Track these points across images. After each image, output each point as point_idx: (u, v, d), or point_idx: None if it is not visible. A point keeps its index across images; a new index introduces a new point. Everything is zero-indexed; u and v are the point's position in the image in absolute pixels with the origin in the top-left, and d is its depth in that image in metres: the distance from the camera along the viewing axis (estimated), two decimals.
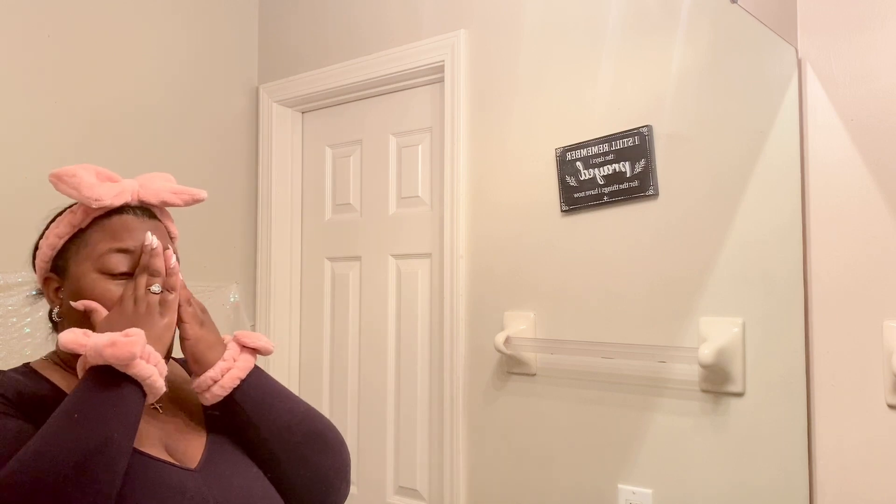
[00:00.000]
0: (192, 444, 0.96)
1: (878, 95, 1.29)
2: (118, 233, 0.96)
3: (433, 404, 1.88)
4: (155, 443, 0.92)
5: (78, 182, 0.94)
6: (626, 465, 1.50)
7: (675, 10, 1.49)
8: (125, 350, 0.81)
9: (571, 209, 1.58)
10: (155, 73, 2.04)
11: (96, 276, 0.94)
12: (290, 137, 2.26)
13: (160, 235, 0.98)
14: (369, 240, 2.06)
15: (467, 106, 1.78)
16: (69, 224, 0.97)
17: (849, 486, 1.30)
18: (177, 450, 0.94)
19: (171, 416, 0.98)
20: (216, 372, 0.95)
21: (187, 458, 0.94)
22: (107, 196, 0.95)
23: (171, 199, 1.02)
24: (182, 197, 1.02)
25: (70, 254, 0.96)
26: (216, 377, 0.95)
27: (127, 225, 0.96)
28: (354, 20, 2.06)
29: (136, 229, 0.97)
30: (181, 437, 0.96)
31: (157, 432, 0.94)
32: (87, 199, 0.94)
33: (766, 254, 1.37)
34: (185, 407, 1.01)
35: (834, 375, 1.32)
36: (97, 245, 0.95)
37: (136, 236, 0.96)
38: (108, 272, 0.94)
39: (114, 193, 0.96)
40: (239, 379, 0.96)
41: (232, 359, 0.97)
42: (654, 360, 1.46)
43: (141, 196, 0.99)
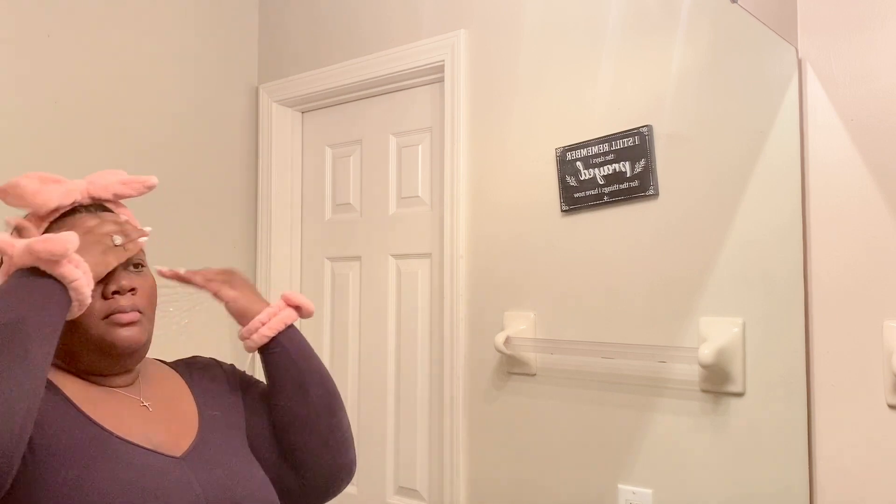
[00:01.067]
0: (181, 438, 0.97)
1: (878, 95, 1.29)
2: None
3: (433, 404, 1.88)
4: (140, 436, 0.93)
5: (21, 191, 0.93)
6: (626, 465, 1.50)
7: (675, 10, 1.49)
8: (60, 245, 0.81)
9: (571, 209, 1.58)
10: (155, 72, 2.04)
11: None
12: (290, 137, 2.26)
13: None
14: (369, 240, 2.06)
15: (467, 106, 1.78)
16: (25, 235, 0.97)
17: (849, 486, 1.30)
18: (166, 443, 0.95)
19: (161, 415, 0.99)
20: (264, 315, 1.05)
21: (175, 449, 0.95)
22: (54, 198, 0.94)
23: (122, 191, 1.01)
24: (133, 186, 1.01)
25: None
26: (264, 320, 1.05)
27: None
28: (354, 20, 2.06)
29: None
30: (167, 431, 0.96)
31: (143, 426, 0.95)
32: (35, 206, 0.93)
33: (766, 254, 1.37)
34: (177, 408, 1.02)
35: (834, 375, 1.32)
36: None
37: None
38: None
39: (61, 193, 0.95)
40: (284, 324, 1.07)
41: (279, 308, 1.07)
42: (654, 360, 1.46)
43: (91, 192, 0.98)
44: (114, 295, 0.93)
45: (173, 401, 1.03)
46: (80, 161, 1.86)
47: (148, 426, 0.95)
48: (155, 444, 0.93)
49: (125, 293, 0.94)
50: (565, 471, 1.59)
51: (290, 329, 1.08)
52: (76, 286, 0.83)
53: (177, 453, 0.94)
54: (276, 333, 1.06)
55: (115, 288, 0.93)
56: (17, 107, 1.77)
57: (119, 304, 0.93)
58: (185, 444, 0.96)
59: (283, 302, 1.09)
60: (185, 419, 1.01)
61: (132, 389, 0.99)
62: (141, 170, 1.08)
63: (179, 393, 1.05)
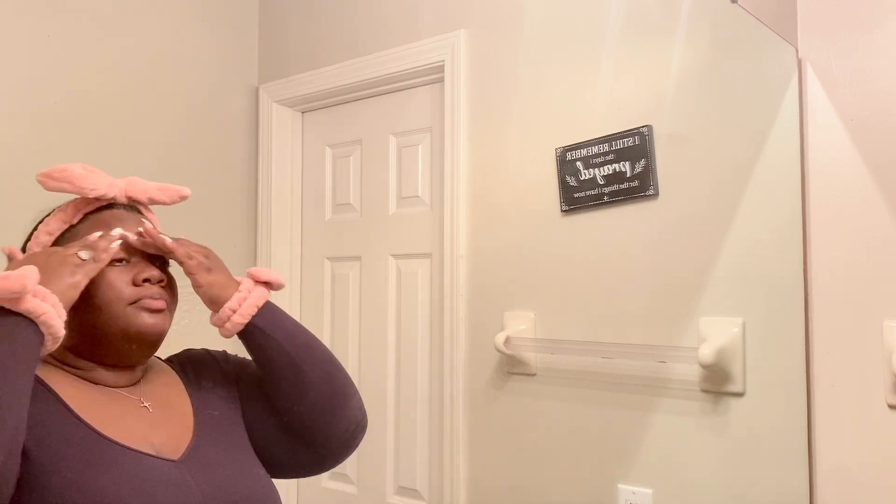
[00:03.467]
0: (179, 440, 0.96)
1: (878, 95, 1.29)
2: (111, 223, 0.98)
3: (433, 404, 1.88)
4: (140, 439, 0.92)
5: (69, 175, 0.96)
6: (626, 465, 1.50)
7: (675, 10, 1.49)
8: (16, 282, 0.79)
9: (571, 209, 1.58)
10: (155, 72, 2.04)
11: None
12: (290, 137, 2.26)
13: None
14: (369, 240, 2.06)
15: (467, 106, 1.78)
16: (60, 220, 0.98)
17: (849, 486, 1.30)
18: (163, 444, 0.94)
19: (161, 416, 0.98)
20: (234, 302, 0.99)
21: (173, 452, 0.94)
22: (101, 185, 0.97)
23: (158, 196, 1.04)
24: (168, 193, 1.05)
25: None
26: (234, 307, 0.99)
27: (118, 216, 0.99)
28: (354, 20, 2.06)
29: (127, 222, 0.99)
30: (168, 434, 0.96)
31: (143, 429, 0.94)
32: (81, 190, 0.96)
33: (766, 254, 1.37)
34: (175, 408, 1.01)
35: (834, 375, 1.32)
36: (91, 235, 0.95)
37: (127, 228, 0.98)
38: None
39: (107, 183, 0.98)
40: (256, 307, 1.00)
41: (248, 290, 1.01)
42: (654, 360, 1.46)
43: (129, 193, 1.02)
44: (144, 283, 0.95)
45: (171, 401, 1.02)
46: (80, 160, 1.86)
47: (148, 429, 0.95)
48: (156, 447, 0.93)
49: (155, 283, 0.96)
50: (565, 471, 1.59)
51: (264, 309, 1.02)
52: (44, 320, 0.81)
53: (175, 456, 0.94)
54: (249, 319, 1.00)
55: (146, 276, 0.95)
56: (17, 107, 1.77)
57: (149, 290, 0.95)
58: (183, 447, 0.96)
59: (250, 281, 1.03)
60: (183, 420, 1.00)
61: (133, 390, 0.99)
62: (141, 170, 1.09)
63: (177, 392, 1.04)
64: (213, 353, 1.14)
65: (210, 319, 1.01)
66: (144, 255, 0.98)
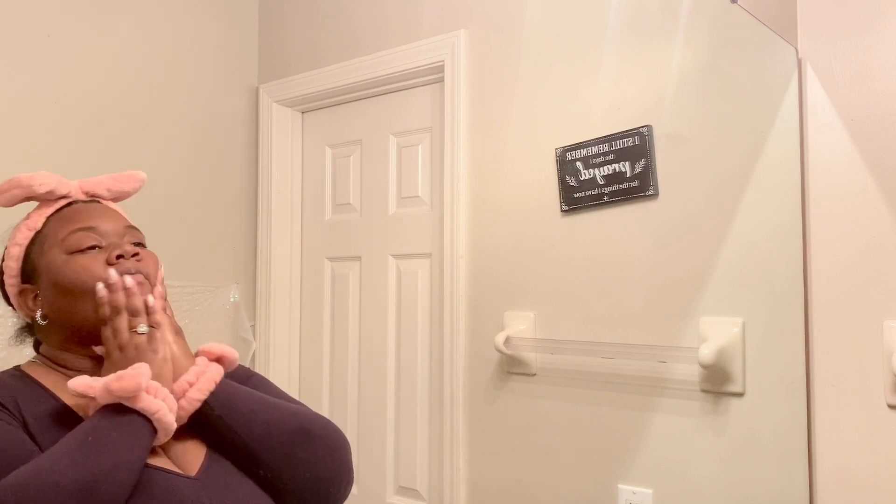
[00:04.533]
0: (193, 454, 0.94)
1: (878, 95, 1.29)
2: (73, 217, 0.97)
3: (433, 404, 1.88)
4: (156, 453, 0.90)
5: (16, 181, 0.96)
6: (626, 464, 1.50)
7: (675, 10, 1.49)
8: (131, 382, 0.82)
9: (571, 209, 1.58)
10: (155, 73, 2.04)
11: (66, 257, 0.94)
12: (290, 137, 2.26)
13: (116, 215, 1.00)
14: (369, 240, 2.06)
15: (467, 106, 1.78)
16: (26, 229, 0.98)
17: (849, 486, 1.30)
18: (177, 458, 0.92)
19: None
20: (191, 375, 0.91)
21: (187, 467, 0.92)
22: (50, 181, 0.97)
23: (115, 186, 1.03)
24: (122, 181, 1.04)
25: (35, 255, 0.96)
26: (192, 381, 0.91)
27: (79, 210, 0.98)
28: (354, 20, 2.06)
29: (91, 211, 0.99)
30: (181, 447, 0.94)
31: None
32: (30, 189, 0.96)
33: (766, 253, 1.37)
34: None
35: (834, 375, 1.32)
36: (58, 232, 0.96)
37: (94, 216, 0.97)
38: (76, 249, 0.94)
39: (57, 180, 0.98)
40: (214, 382, 0.93)
41: (204, 366, 0.94)
42: (654, 360, 1.46)
43: (84, 188, 1.02)
44: (118, 259, 0.94)
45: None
46: (81, 161, 1.86)
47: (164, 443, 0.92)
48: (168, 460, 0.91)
49: (129, 257, 0.94)
50: (565, 470, 1.59)
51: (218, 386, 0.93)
52: (158, 417, 0.84)
53: (190, 472, 0.91)
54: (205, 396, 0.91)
55: (119, 252, 0.94)
56: (17, 107, 1.77)
57: (124, 265, 0.93)
58: (196, 462, 0.93)
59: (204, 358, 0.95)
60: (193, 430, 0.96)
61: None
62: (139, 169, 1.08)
63: None
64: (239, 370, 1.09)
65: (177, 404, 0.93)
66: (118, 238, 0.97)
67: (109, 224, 0.97)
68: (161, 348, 0.90)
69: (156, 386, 0.85)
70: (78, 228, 0.95)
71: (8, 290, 0.99)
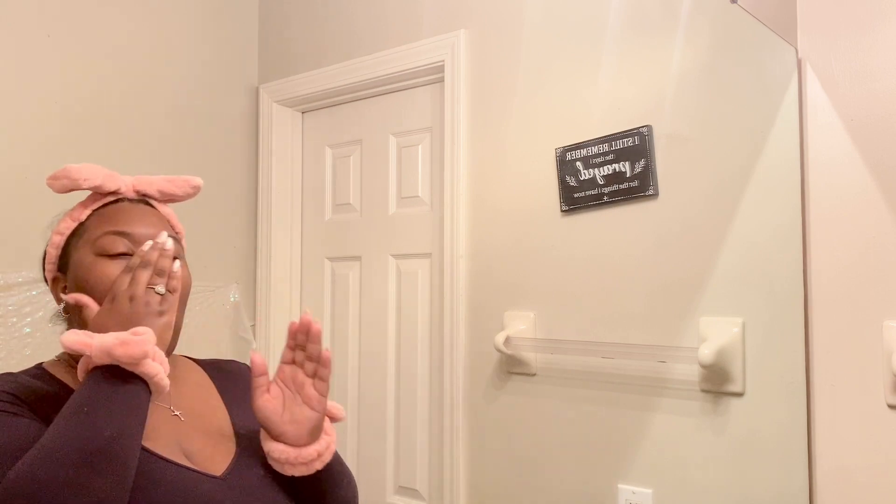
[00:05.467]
0: (219, 452, 0.94)
1: (878, 95, 1.29)
2: (113, 217, 0.96)
3: (433, 404, 1.88)
4: (173, 447, 0.90)
5: (66, 171, 0.95)
6: (626, 464, 1.50)
7: (675, 10, 1.49)
8: (138, 349, 0.80)
9: (571, 209, 1.58)
10: (155, 72, 2.04)
11: (94, 259, 0.93)
12: (290, 137, 2.26)
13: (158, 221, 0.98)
14: (369, 240, 2.06)
15: (467, 106, 1.78)
16: (70, 219, 0.98)
17: (849, 486, 1.30)
18: (201, 457, 0.92)
19: (194, 425, 0.96)
20: (321, 445, 0.94)
21: (213, 466, 0.91)
22: (95, 176, 0.96)
23: (167, 188, 1.02)
24: (178, 184, 1.02)
25: (71, 248, 0.96)
26: (321, 451, 0.94)
27: (123, 209, 0.97)
28: (354, 20, 2.06)
29: (133, 213, 0.97)
30: (206, 445, 0.93)
31: (176, 438, 0.92)
32: (76, 182, 0.95)
33: (766, 253, 1.37)
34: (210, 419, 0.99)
35: (834, 375, 1.32)
36: (94, 230, 0.95)
37: (133, 220, 0.96)
38: (104, 253, 0.93)
39: (104, 174, 0.97)
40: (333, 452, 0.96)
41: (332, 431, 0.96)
42: (654, 360, 1.46)
43: (136, 186, 1.00)
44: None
45: (205, 410, 0.99)
46: (80, 160, 1.86)
47: (181, 440, 0.92)
48: (191, 460, 0.90)
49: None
50: (565, 470, 1.59)
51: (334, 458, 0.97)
52: (157, 381, 0.83)
53: (215, 471, 0.91)
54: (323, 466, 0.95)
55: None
56: (17, 107, 1.77)
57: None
58: (223, 462, 0.93)
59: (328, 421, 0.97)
60: (220, 432, 0.97)
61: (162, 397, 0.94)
62: (141, 169, 1.08)
63: (211, 401, 1.01)
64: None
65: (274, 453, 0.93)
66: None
67: (145, 231, 0.95)
68: (169, 313, 0.87)
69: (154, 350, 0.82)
70: (112, 231, 0.94)
71: (46, 274, 1.00)
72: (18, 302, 1.73)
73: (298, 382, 0.93)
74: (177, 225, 1.05)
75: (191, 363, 1.07)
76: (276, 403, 0.92)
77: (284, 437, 0.92)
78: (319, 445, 0.93)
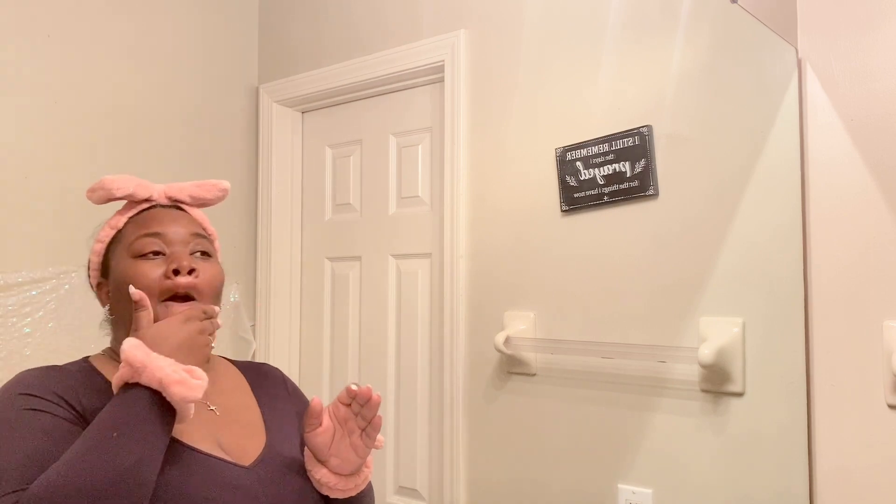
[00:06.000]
0: (251, 444, 1.00)
1: (878, 95, 1.29)
2: (147, 221, 1.02)
3: (433, 404, 1.88)
4: (209, 440, 0.96)
5: (102, 183, 1.02)
6: (626, 464, 1.50)
7: (675, 11, 1.49)
8: (192, 394, 0.85)
9: (571, 209, 1.58)
10: (155, 72, 2.04)
11: (130, 261, 0.99)
12: (290, 137, 2.26)
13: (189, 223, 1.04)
14: (369, 240, 2.06)
15: (467, 106, 1.78)
16: (109, 227, 1.05)
17: (849, 486, 1.30)
18: (234, 448, 0.97)
19: (228, 419, 1.01)
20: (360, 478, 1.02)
21: (244, 457, 0.97)
22: (127, 185, 1.03)
23: (197, 192, 1.08)
24: (207, 188, 1.09)
25: (111, 253, 1.03)
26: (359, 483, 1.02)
27: (155, 214, 1.04)
28: (354, 20, 2.06)
29: (164, 216, 1.03)
30: (239, 438, 1.00)
31: (211, 431, 0.97)
32: (109, 192, 1.02)
33: (766, 253, 1.37)
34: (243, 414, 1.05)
35: (834, 375, 1.32)
36: (130, 235, 1.01)
37: (165, 221, 1.02)
38: (139, 254, 0.99)
39: (136, 183, 1.04)
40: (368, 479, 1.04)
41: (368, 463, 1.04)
42: (654, 360, 1.46)
43: (168, 193, 1.07)
44: (175, 275, 0.97)
45: (239, 405, 1.05)
46: (81, 161, 1.87)
47: (216, 433, 0.98)
48: (225, 451, 0.96)
49: (185, 273, 0.97)
50: (565, 470, 1.59)
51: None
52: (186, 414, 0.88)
53: (245, 462, 0.97)
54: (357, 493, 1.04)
55: (175, 266, 0.97)
56: (16, 107, 1.77)
57: (177, 282, 0.97)
58: (253, 453, 0.99)
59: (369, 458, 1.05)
60: (252, 426, 1.03)
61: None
62: (141, 169, 1.10)
63: (245, 398, 1.08)
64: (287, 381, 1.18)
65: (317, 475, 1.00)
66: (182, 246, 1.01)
67: (176, 230, 1.01)
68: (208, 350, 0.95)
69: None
70: (145, 234, 1.00)
71: (91, 281, 1.07)
72: (18, 302, 1.73)
73: (349, 427, 0.98)
74: (209, 227, 1.10)
75: (227, 363, 1.14)
76: (325, 437, 0.98)
77: (328, 465, 0.99)
78: (358, 479, 1.01)
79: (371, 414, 0.96)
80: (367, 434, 0.98)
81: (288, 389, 1.16)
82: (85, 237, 1.09)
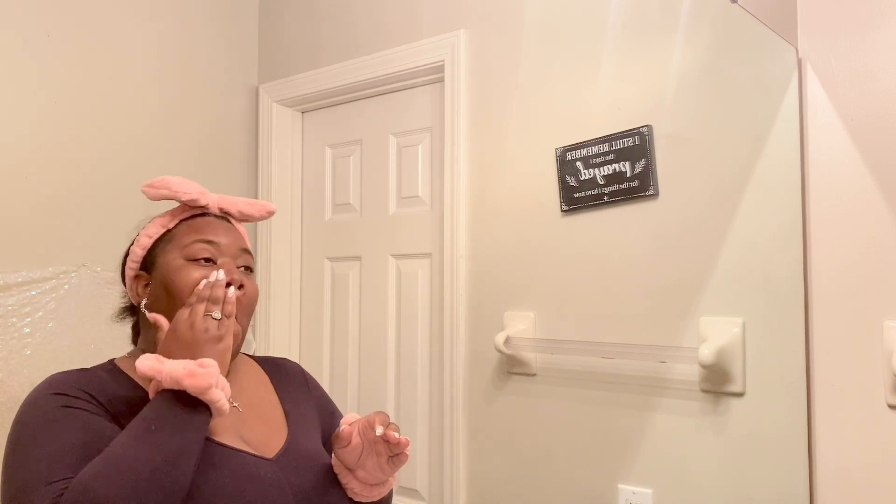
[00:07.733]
0: (273, 438, 1.04)
1: (878, 95, 1.29)
2: (202, 228, 1.07)
3: (433, 404, 1.88)
4: (233, 435, 0.99)
5: (167, 183, 1.07)
6: (626, 465, 1.50)
7: (675, 10, 1.49)
8: (204, 381, 0.89)
9: (571, 209, 1.58)
10: (155, 72, 2.04)
11: (182, 263, 1.03)
12: (290, 137, 2.26)
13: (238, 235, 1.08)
14: (369, 240, 2.06)
15: (467, 106, 1.78)
16: (159, 225, 1.09)
17: (849, 486, 1.30)
18: (257, 442, 1.02)
19: (251, 413, 1.06)
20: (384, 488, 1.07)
21: (267, 450, 1.02)
22: (194, 191, 1.08)
23: (246, 209, 1.14)
24: (256, 207, 1.15)
25: (158, 250, 1.07)
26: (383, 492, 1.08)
27: (210, 222, 1.09)
28: (354, 20, 2.06)
29: (219, 227, 1.09)
30: (262, 432, 1.04)
31: (235, 425, 1.01)
32: (176, 195, 1.07)
33: (766, 253, 1.37)
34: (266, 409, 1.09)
35: (834, 375, 1.32)
36: (184, 238, 1.06)
37: (219, 232, 1.07)
38: (192, 258, 1.03)
39: (199, 191, 1.09)
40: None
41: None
42: (654, 360, 1.46)
43: (220, 204, 1.12)
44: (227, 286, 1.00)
45: (261, 400, 1.09)
46: (80, 161, 1.87)
47: (240, 427, 1.02)
48: (248, 444, 1.00)
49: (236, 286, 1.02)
50: (565, 470, 1.59)
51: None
52: (218, 406, 0.91)
53: (268, 454, 1.01)
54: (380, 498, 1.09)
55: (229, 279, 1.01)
56: (16, 106, 1.77)
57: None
58: (276, 446, 1.03)
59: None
60: (274, 420, 1.08)
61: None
62: (141, 169, 1.11)
63: (267, 393, 1.11)
64: (307, 376, 1.22)
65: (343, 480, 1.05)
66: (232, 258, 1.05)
67: (229, 242, 1.07)
68: (227, 337, 0.96)
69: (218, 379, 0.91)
70: (201, 239, 1.05)
71: (127, 271, 1.10)
72: (18, 302, 1.73)
73: (378, 450, 1.01)
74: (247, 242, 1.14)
75: (249, 360, 1.17)
76: (353, 454, 1.02)
77: (354, 474, 1.04)
78: (383, 489, 1.07)
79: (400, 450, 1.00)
80: (394, 463, 1.02)
81: (308, 384, 1.20)
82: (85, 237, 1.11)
